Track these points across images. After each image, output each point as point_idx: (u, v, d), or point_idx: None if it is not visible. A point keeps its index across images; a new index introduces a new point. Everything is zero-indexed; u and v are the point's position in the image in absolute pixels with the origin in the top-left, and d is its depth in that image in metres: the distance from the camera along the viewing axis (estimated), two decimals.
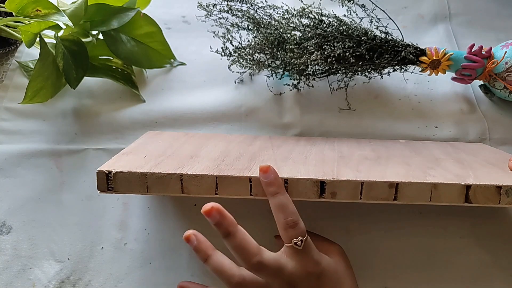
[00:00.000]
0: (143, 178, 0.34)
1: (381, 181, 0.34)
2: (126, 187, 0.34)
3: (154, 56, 0.57)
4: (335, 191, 0.35)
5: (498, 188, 0.34)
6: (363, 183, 0.34)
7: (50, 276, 0.43)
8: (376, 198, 0.35)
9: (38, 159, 0.50)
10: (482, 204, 0.34)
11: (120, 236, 0.46)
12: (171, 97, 0.56)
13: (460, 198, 0.35)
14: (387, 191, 0.34)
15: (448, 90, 0.58)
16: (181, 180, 0.35)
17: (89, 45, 0.51)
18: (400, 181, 0.34)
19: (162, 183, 0.34)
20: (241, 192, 0.35)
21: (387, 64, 0.52)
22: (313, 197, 0.35)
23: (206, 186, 0.35)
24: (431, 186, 0.34)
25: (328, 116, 0.55)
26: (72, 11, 0.47)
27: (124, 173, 0.34)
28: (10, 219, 0.46)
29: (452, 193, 0.34)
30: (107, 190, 0.35)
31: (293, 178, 0.35)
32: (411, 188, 0.34)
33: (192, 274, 0.44)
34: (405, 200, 0.35)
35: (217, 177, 0.35)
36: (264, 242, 0.35)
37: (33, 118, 0.53)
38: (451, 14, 0.66)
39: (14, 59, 0.57)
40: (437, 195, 0.34)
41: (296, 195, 0.35)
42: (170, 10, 0.65)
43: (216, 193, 0.35)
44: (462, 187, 0.34)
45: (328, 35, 0.51)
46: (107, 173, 0.34)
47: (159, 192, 0.35)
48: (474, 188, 0.34)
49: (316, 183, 0.35)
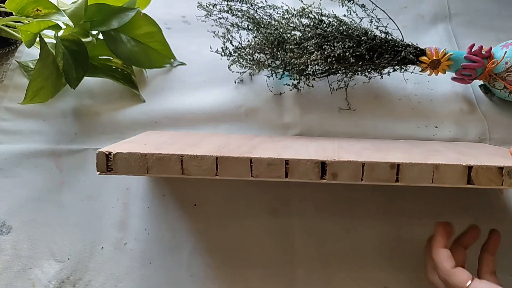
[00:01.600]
0: (143, 158, 0.34)
1: (382, 161, 0.34)
2: (126, 168, 0.34)
3: (154, 56, 0.57)
4: (336, 172, 0.35)
5: (499, 169, 0.34)
6: (364, 163, 0.34)
7: (50, 276, 0.43)
8: (378, 179, 0.34)
9: (38, 159, 0.50)
10: (485, 185, 0.34)
11: (120, 236, 0.46)
12: (171, 97, 0.56)
13: (462, 180, 0.35)
14: (388, 172, 0.34)
15: (448, 90, 0.58)
16: (182, 160, 0.35)
17: (89, 45, 0.51)
18: (402, 162, 0.34)
19: (162, 164, 0.34)
20: (242, 173, 0.35)
21: (387, 64, 0.52)
22: (314, 178, 0.35)
23: (206, 167, 0.35)
24: (432, 167, 0.34)
25: (328, 116, 0.55)
26: (72, 11, 0.47)
27: (124, 153, 0.34)
28: (10, 219, 0.46)
29: (454, 174, 0.34)
30: (106, 172, 0.35)
31: (293, 159, 0.35)
32: (412, 169, 0.34)
33: (192, 274, 0.44)
34: (407, 181, 0.35)
35: (218, 157, 0.35)
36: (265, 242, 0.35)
37: (33, 118, 0.53)
38: (451, 14, 0.66)
39: (14, 59, 0.57)
40: (439, 176, 0.34)
41: (297, 176, 0.35)
42: (170, 10, 0.65)
43: (217, 174, 0.35)
44: (463, 168, 0.34)
45: (328, 35, 0.50)
46: (107, 154, 0.34)
47: (158, 173, 0.35)
48: (476, 169, 0.34)
49: (317, 164, 0.35)
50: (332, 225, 0.47)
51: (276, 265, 0.45)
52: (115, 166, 0.34)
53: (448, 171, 0.34)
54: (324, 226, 0.47)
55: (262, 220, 0.47)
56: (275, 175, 0.35)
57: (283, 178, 0.35)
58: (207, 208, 0.48)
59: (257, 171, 0.35)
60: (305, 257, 0.46)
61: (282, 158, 0.34)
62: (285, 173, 0.35)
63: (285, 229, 0.47)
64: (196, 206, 0.48)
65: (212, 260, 0.45)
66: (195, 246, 0.46)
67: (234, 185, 0.49)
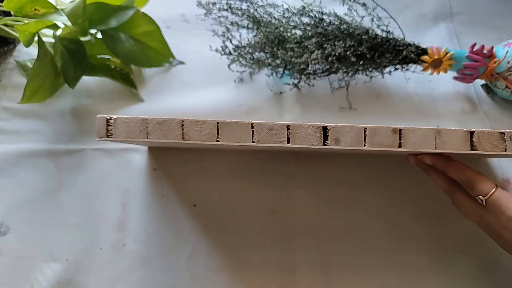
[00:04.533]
0: (144, 123, 0.35)
1: (384, 126, 0.35)
2: (126, 133, 0.35)
3: (153, 55, 0.56)
4: (338, 137, 0.35)
5: (501, 134, 0.35)
6: (366, 128, 0.35)
7: (49, 277, 0.43)
8: (380, 144, 0.35)
9: (36, 159, 0.49)
10: (489, 151, 0.35)
11: (119, 236, 0.45)
12: (170, 96, 0.55)
13: (465, 145, 0.35)
14: (391, 137, 0.35)
15: (449, 89, 0.58)
16: (182, 125, 0.35)
17: (87, 44, 0.51)
18: (404, 127, 0.35)
19: (163, 129, 0.35)
20: (243, 138, 0.35)
21: (388, 63, 0.52)
22: (316, 144, 0.35)
23: (207, 131, 0.35)
24: (434, 132, 0.35)
25: (328, 115, 0.54)
26: (70, 10, 0.46)
27: (125, 118, 0.35)
28: (8, 220, 0.46)
29: (456, 139, 0.35)
30: (106, 137, 0.35)
31: (295, 124, 0.35)
32: (414, 134, 0.35)
33: (192, 275, 0.44)
34: (410, 146, 0.35)
35: (219, 122, 0.35)
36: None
37: (31, 118, 0.52)
38: (453, 13, 0.66)
39: (12, 59, 0.57)
40: (442, 141, 0.35)
41: (299, 141, 0.35)
42: (169, 8, 0.65)
43: (218, 140, 0.35)
44: (465, 133, 0.35)
45: (328, 34, 0.50)
46: (108, 119, 0.34)
47: (159, 138, 0.35)
48: (478, 134, 0.35)
49: (318, 128, 0.35)
50: (332, 225, 0.47)
51: (276, 265, 0.45)
52: (115, 131, 0.35)
53: (451, 135, 0.35)
54: (324, 226, 0.47)
55: (262, 220, 0.47)
56: (277, 141, 0.35)
57: (285, 143, 0.35)
58: (207, 208, 0.48)
59: (258, 136, 0.35)
60: (305, 257, 0.45)
61: (284, 123, 0.35)
62: (286, 139, 0.35)
63: (285, 229, 0.47)
64: (195, 206, 0.47)
65: (212, 261, 0.45)
66: (194, 247, 0.45)
67: (234, 185, 0.49)
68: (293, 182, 0.49)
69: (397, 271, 0.44)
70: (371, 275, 0.44)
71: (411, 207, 0.48)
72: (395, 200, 0.48)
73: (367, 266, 0.45)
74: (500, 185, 0.49)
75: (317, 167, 0.50)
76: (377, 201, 0.48)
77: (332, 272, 0.45)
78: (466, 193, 0.39)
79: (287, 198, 0.48)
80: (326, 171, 0.50)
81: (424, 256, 0.45)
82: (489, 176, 0.49)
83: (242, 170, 0.49)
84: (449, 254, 0.46)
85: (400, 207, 0.48)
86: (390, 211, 0.48)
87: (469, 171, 0.38)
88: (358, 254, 0.46)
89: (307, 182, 0.49)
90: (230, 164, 0.50)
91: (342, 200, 0.48)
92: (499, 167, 0.50)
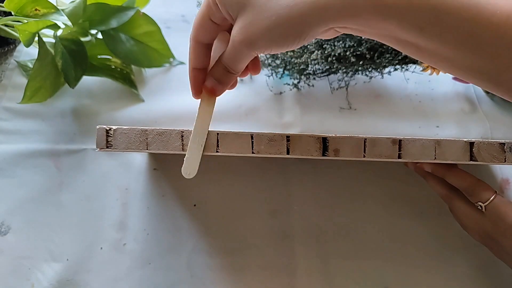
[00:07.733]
0: (144, 134, 0.35)
1: (384, 137, 0.35)
2: (126, 144, 0.35)
3: (153, 55, 0.56)
4: (338, 147, 0.35)
5: (501, 144, 0.35)
6: (366, 139, 0.35)
7: (49, 276, 0.43)
8: (380, 155, 0.35)
9: (37, 159, 0.49)
10: (488, 162, 0.35)
11: (120, 236, 0.46)
12: (170, 96, 0.56)
13: (465, 156, 0.35)
14: (390, 147, 0.35)
15: (449, 89, 0.58)
16: (182, 136, 0.35)
17: (88, 44, 0.51)
18: (403, 138, 0.35)
19: (162, 140, 0.35)
20: (243, 149, 0.35)
21: (388, 64, 0.52)
22: (316, 154, 0.35)
23: (207, 142, 0.35)
24: (434, 142, 0.35)
25: (328, 115, 0.55)
26: (71, 10, 0.46)
27: (124, 129, 0.35)
28: (9, 220, 0.46)
29: (456, 150, 0.35)
30: (105, 148, 0.35)
31: (295, 135, 0.35)
32: (414, 144, 0.35)
33: (192, 275, 0.44)
34: (410, 157, 0.35)
35: (219, 133, 0.35)
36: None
37: (32, 118, 0.53)
38: None
39: (13, 59, 0.57)
40: (442, 152, 0.35)
41: (298, 152, 0.35)
42: (169, 9, 0.65)
43: (217, 151, 0.35)
44: (465, 143, 0.35)
45: None
46: (107, 130, 0.34)
47: (158, 149, 0.35)
48: (478, 144, 0.35)
49: (318, 139, 0.35)
50: (332, 225, 0.47)
51: (276, 265, 0.45)
52: (115, 142, 0.34)
53: (450, 146, 0.35)
54: (324, 226, 0.47)
55: (262, 220, 0.47)
56: (276, 151, 0.35)
57: (285, 154, 0.35)
58: (207, 208, 0.48)
59: (258, 147, 0.35)
60: (305, 257, 0.45)
61: (284, 134, 0.35)
62: (286, 149, 0.35)
63: (285, 229, 0.47)
64: (196, 206, 0.48)
65: (212, 260, 0.45)
66: (194, 247, 0.46)
67: (234, 185, 0.49)
68: (293, 182, 0.49)
69: (397, 272, 0.44)
70: (371, 275, 0.44)
71: (411, 207, 0.48)
72: (395, 200, 0.49)
73: (367, 266, 0.45)
74: (499, 185, 0.49)
75: (317, 167, 0.50)
76: (377, 201, 0.48)
77: (332, 272, 0.45)
78: (464, 200, 0.39)
79: (287, 198, 0.48)
80: (326, 171, 0.50)
81: (424, 256, 0.45)
82: (488, 176, 0.49)
83: (242, 170, 0.50)
84: (449, 254, 0.46)
85: (400, 207, 0.48)
86: (390, 211, 0.48)
87: (469, 178, 0.38)
88: (358, 254, 0.46)
89: (307, 182, 0.49)
90: (230, 164, 0.50)
91: (342, 201, 0.48)
92: (498, 167, 0.51)
